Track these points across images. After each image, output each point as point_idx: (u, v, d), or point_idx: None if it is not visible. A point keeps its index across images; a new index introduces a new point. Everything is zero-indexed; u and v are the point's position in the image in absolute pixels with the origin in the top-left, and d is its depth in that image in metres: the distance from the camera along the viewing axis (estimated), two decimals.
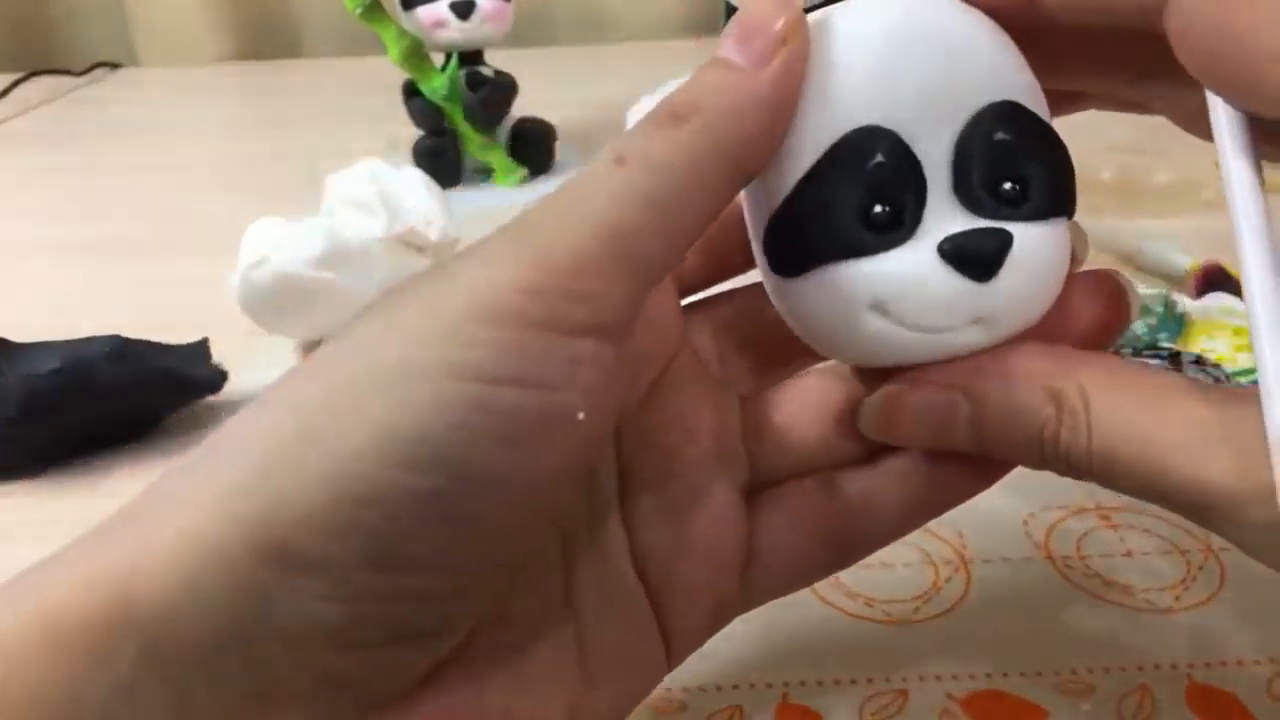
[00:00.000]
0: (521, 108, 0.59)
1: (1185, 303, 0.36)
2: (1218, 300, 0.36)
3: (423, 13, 0.54)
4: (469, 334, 0.15)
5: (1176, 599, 0.25)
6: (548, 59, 0.88)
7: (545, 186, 0.57)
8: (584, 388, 0.15)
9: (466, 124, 0.56)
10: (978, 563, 0.27)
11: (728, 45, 0.17)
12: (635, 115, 0.39)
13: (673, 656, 0.19)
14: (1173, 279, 0.41)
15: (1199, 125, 0.17)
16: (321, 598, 0.14)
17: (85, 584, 0.14)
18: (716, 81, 0.17)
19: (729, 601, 0.20)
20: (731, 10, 0.35)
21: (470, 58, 0.57)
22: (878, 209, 0.17)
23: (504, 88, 0.57)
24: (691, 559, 0.19)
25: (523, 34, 0.68)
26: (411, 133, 0.58)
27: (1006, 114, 0.18)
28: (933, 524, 0.28)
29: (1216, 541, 0.27)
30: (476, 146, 0.56)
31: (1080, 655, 0.24)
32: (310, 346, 0.40)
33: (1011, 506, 0.29)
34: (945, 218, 0.17)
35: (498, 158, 0.57)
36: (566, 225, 0.16)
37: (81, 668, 0.14)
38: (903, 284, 0.17)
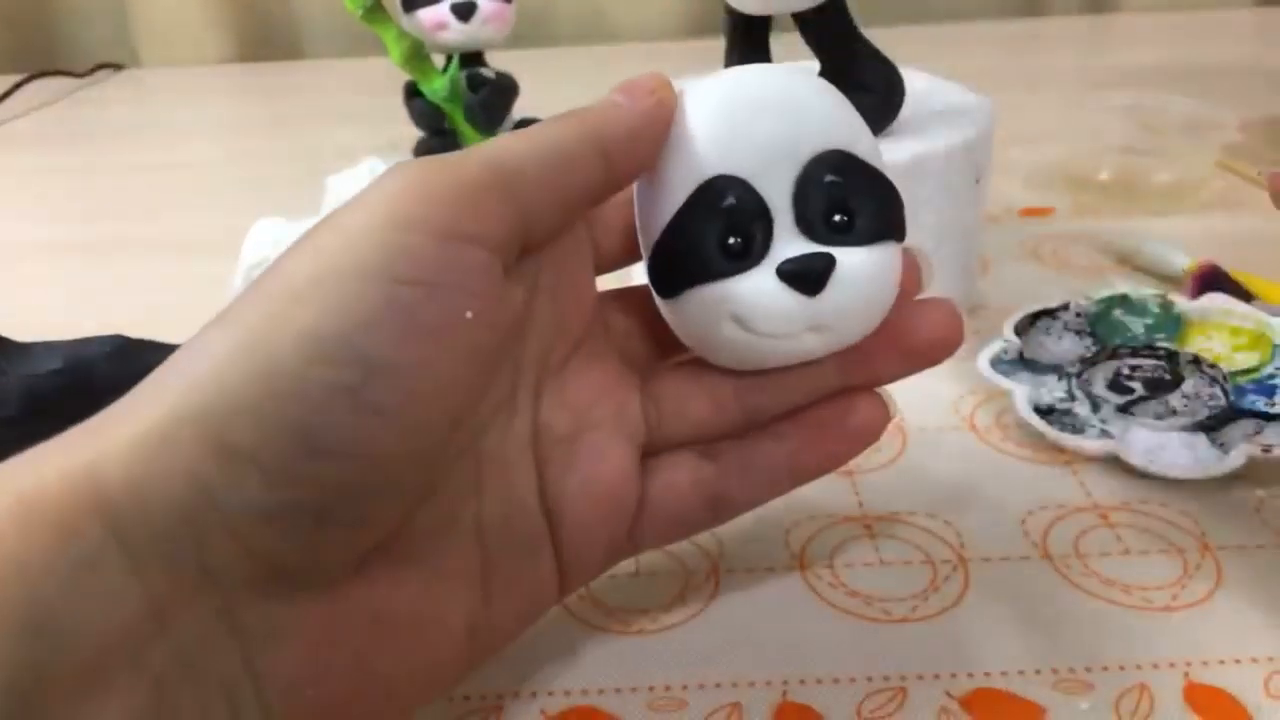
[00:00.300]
0: (522, 108, 0.59)
1: (1182, 302, 0.36)
2: (1215, 300, 0.36)
3: (424, 14, 0.54)
4: (378, 239, 0.18)
5: (1174, 597, 0.25)
6: (548, 60, 0.88)
7: None
8: (473, 291, 0.19)
9: (467, 125, 0.56)
10: (976, 561, 0.27)
11: (614, 94, 0.22)
12: None
13: (564, 588, 0.23)
14: (1171, 279, 0.41)
15: None
16: (256, 486, 0.17)
17: (56, 472, 0.16)
18: (599, 106, 0.21)
19: (619, 547, 0.23)
20: (728, 10, 0.35)
21: (471, 59, 0.57)
22: (732, 240, 0.22)
23: (505, 89, 0.57)
24: (591, 504, 0.22)
25: (524, 35, 0.68)
26: (412, 133, 0.58)
27: (835, 160, 0.22)
28: (931, 523, 0.28)
29: (1214, 540, 0.27)
30: None
31: (1078, 653, 0.24)
32: None
33: (1009, 505, 0.29)
34: (789, 245, 0.22)
35: None
36: (461, 158, 0.20)
37: (54, 540, 0.15)
38: (752, 301, 0.21)
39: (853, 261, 0.21)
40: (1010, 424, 0.33)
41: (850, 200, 0.22)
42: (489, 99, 0.56)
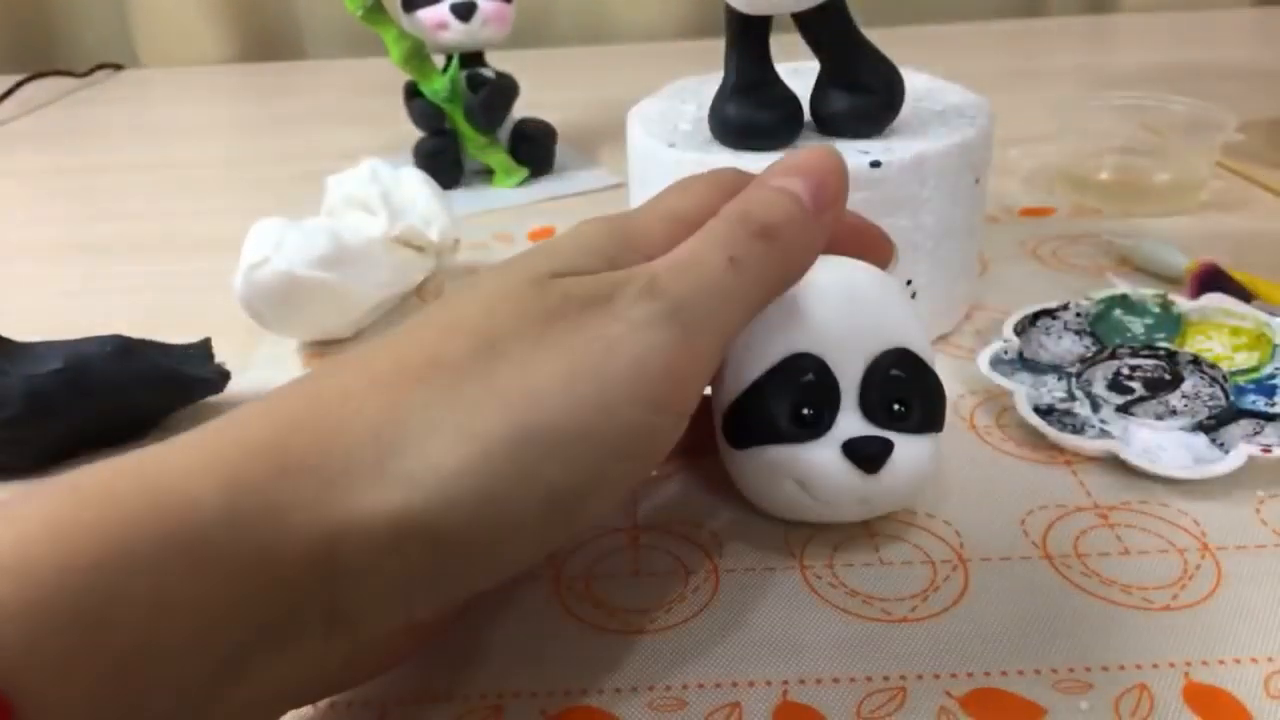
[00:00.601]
0: (522, 108, 0.59)
1: (1182, 303, 0.36)
2: (1215, 300, 0.36)
3: (424, 14, 0.54)
4: (629, 416, 0.21)
5: (1174, 597, 0.25)
6: (549, 60, 0.88)
7: (546, 187, 0.58)
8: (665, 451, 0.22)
9: (467, 125, 0.56)
10: (975, 561, 0.27)
11: (798, 183, 0.23)
12: (636, 116, 0.39)
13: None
14: (1170, 279, 0.41)
15: None
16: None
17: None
18: (791, 215, 0.23)
19: None
20: (728, 10, 0.35)
21: (471, 59, 0.57)
22: (805, 411, 0.25)
23: (505, 89, 0.57)
24: None
25: (524, 35, 0.68)
26: (412, 134, 0.58)
27: (900, 357, 0.25)
28: (930, 523, 0.28)
29: (1213, 541, 0.27)
30: (477, 147, 0.57)
31: (1078, 653, 0.24)
32: (311, 346, 0.40)
33: (1009, 505, 0.29)
34: (851, 424, 0.25)
35: (498, 158, 0.57)
36: (700, 329, 0.22)
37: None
38: (815, 470, 0.25)
39: (906, 448, 0.25)
40: (1010, 424, 0.33)
41: (908, 393, 0.25)
42: (489, 99, 0.56)
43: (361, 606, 0.19)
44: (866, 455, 0.24)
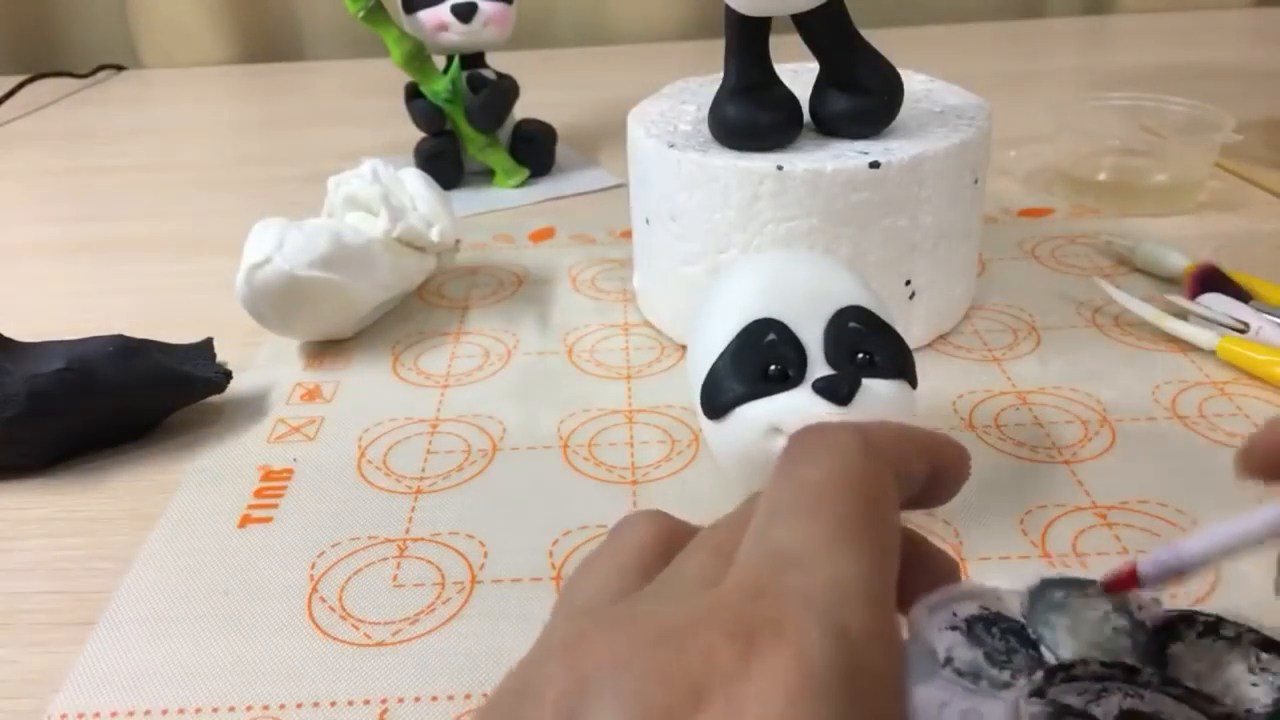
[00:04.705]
0: (522, 109, 0.59)
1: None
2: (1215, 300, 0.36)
3: (425, 16, 0.54)
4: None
5: (1172, 597, 0.25)
6: (549, 61, 0.88)
7: (546, 188, 0.58)
8: None
9: (468, 126, 0.56)
10: (975, 560, 0.27)
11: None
12: (636, 117, 0.39)
13: None
14: (1168, 279, 0.41)
15: None
16: None
17: None
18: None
19: None
20: (728, 11, 0.35)
21: (472, 60, 0.57)
22: (772, 368, 0.26)
23: (505, 90, 0.57)
24: None
25: (524, 36, 0.68)
26: (413, 135, 0.58)
27: (856, 312, 0.27)
28: (930, 522, 0.28)
29: None
30: (478, 148, 0.57)
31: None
32: (312, 347, 0.41)
33: (1007, 505, 0.29)
34: (821, 373, 0.26)
35: (499, 159, 0.57)
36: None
37: None
38: (789, 411, 0.25)
39: (876, 386, 0.25)
40: (1009, 423, 0.33)
41: (870, 344, 0.26)
42: (489, 100, 0.56)
43: None
44: (836, 389, 0.25)
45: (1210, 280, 0.39)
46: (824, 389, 0.25)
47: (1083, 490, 0.29)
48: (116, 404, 0.34)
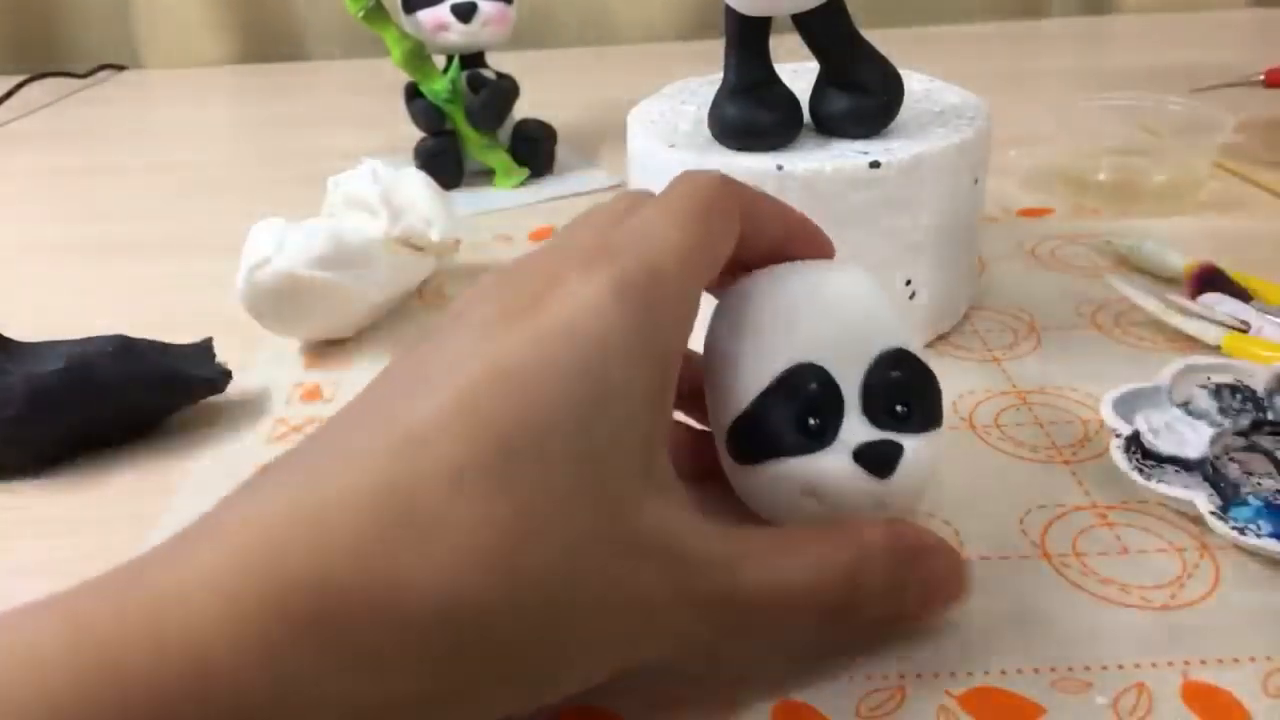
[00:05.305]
0: (523, 109, 0.59)
1: None
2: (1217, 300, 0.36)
3: (424, 16, 0.54)
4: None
5: (1172, 596, 0.25)
6: (549, 61, 0.89)
7: (546, 188, 0.58)
8: None
9: (468, 126, 0.56)
10: (974, 560, 0.27)
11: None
12: (636, 117, 0.39)
13: None
14: (1168, 279, 0.41)
15: None
16: None
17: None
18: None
19: None
20: (728, 10, 0.35)
21: (472, 60, 0.57)
22: (812, 421, 0.24)
23: (505, 90, 0.57)
24: None
25: (524, 36, 0.68)
26: (413, 134, 0.58)
27: (898, 358, 0.25)
28: (929, 522, 0.28)
29: (1212, 540, 0.27)
30: (478, 148, 0.57)
31: (1077, 652, 0.24)
32: (312, 347, 0.41)
33: (1007, 504, 0.29)
34: (856, 428, 0.24)
35: (499, 159, 0.57)
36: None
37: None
38: (828, 479, 0.24)
39: (914, 448, 0.24)
40: (1009, 423, 0.33)
41: (909, 394, 0.25)
42: (489, 100, 0.56)
43: None
44: (880, 460, 0.24)
45: (1210, 280, 0.39)
46: (867, 460, 0.24)
47: (1082, 490, 0.29)
48: (116, 404, 0.34)
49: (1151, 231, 0.46)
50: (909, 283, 0.36)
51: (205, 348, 0.37)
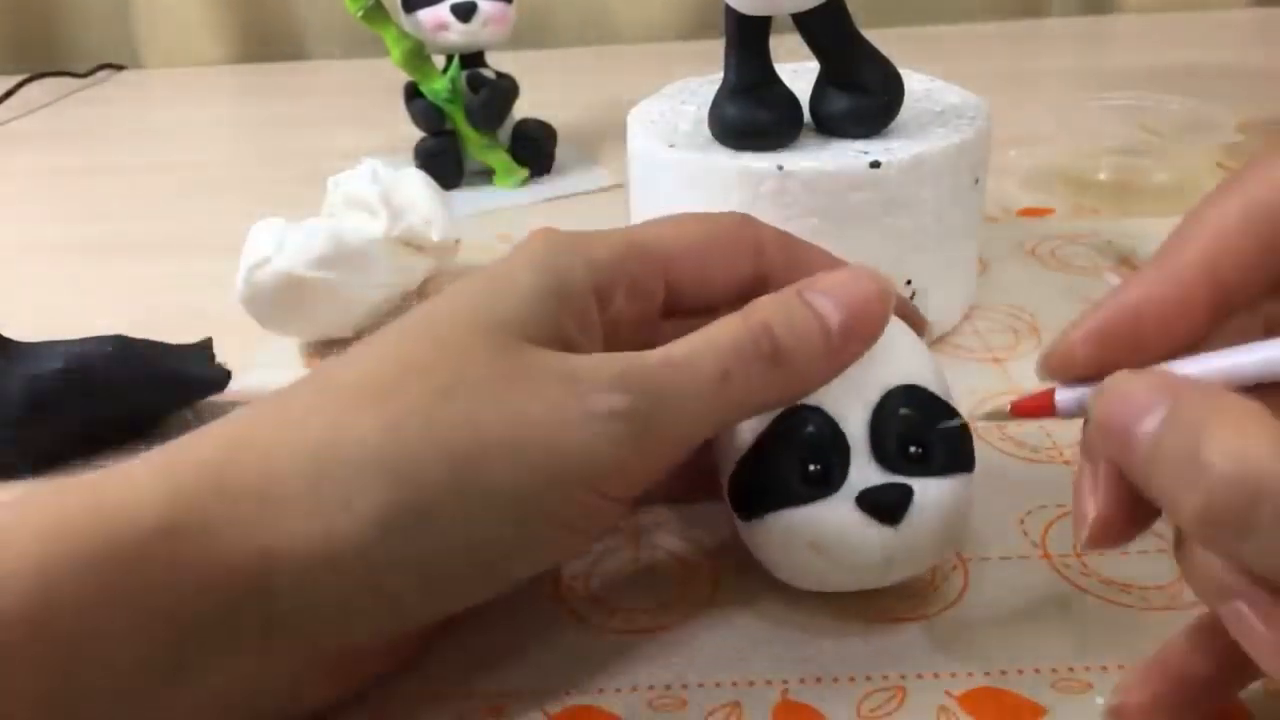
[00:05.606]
0: (523, 109, 0.59)
1: None
2: None
3: (424, 15, 0.54)
4: None
5: (1173, 597, 0.25)
6: (549, 61, 0.88)
7: (546, 188, 0.58)
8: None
9: (468, 125, 0.56)
10: (975, 561, 0.27)
11: (833, 311, 0.22)
12: (636, 117, 0.39)
13: None
14: None
15: None
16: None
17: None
18: (812, 347, 0.22)
19: None
20: (728, 10, 0.35)
21: (472, 59, 0.57)
22: (813, 467, 0.22)
23: (505, 89, 0.57)
24: None
25: (524, 36, 0.68)
26: (413, 134, 0.58)
27: (908, 394, 0.23)
28: None
29: None
30: (478, 148, 0.57)
31: (1078, 653, 0.24)
32: (312, 347, 0.41)
33: (1008, 505, 0.29)
34: (866, 473, 0.22)
35: (499, 159, 0.57)
36: (665, 429, 0.21)
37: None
38: (831, 530, 0.22)
39: (929, 493, 0.22)
40: (1009, 423, 0.33)
41: (925, 433, 0.23)
42: (489, 100, 0.56)
43: (298, 623, 0.20)
44: (883, 505, 0.22)
45: None
46: (871, 506, 0.22)
47: None
48: (115, 404, 0.34)
49: (1152, 231, 0.45)
50: (909, 282, 0.36)
51: (205, 348, 0.37)
